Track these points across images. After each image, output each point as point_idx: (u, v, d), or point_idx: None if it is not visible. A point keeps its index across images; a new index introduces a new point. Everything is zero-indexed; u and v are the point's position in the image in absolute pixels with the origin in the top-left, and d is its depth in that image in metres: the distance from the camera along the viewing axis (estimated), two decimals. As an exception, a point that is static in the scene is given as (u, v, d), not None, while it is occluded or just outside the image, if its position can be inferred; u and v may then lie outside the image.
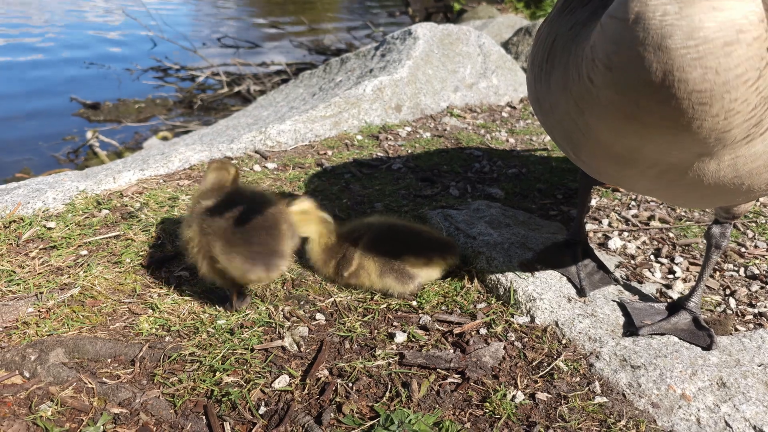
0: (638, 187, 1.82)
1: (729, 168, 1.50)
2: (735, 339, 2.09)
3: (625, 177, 1.70)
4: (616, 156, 1.58)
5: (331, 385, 1.83)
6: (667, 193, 1.80)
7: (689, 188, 1.62)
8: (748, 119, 1.35)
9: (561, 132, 1.77)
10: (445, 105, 4.82)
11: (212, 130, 4.72)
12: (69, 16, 18.47)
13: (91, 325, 2.04)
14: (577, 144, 1.70)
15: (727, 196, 1.67)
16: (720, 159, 1.47)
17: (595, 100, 1.47)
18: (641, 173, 1.61)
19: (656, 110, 1.34)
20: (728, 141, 1.40)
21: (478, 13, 13.77)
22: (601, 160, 1.68)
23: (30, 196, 2.83)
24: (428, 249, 2.29)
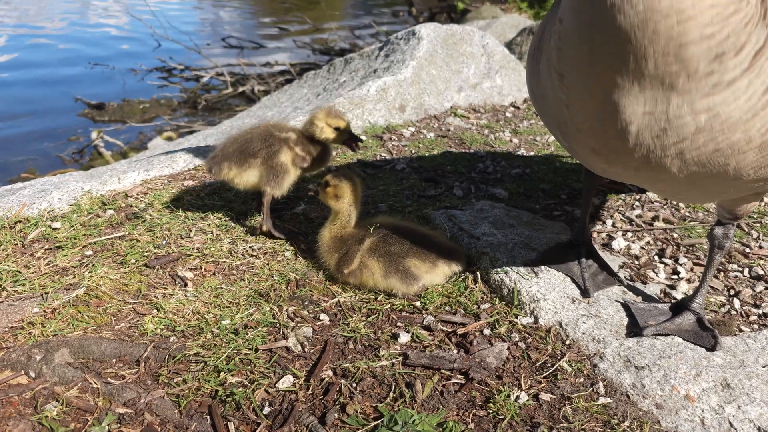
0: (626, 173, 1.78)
1: (707, 135, 1.46)
2: (739, 340, 2.09)
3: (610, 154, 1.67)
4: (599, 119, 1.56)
5: (335, 385, 1.83)
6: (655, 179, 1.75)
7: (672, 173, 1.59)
8: (706, 36, 1.33)
9: (552, 117, 1.78)
10: (448, 105, 4.82)
11: (217, 131, 4.73)
12: (74, 17, 18.52)
13: (96, 326, 2.05)
14: (566, 125, 1.71)
15: (715, 182, 1.63)
16: (694, 108, 1.43)
17: (565, 43, 1.50)
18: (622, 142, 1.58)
19: (610, 15, 1.35)
20: (691, 68, 1.36)
21: (482, 13, 13.77)
22: (586, 138, 1.66)
23: (35, 197, 2.85)
24: (434, 254, 2.29)
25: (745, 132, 1.47)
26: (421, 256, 2.27)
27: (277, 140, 2.61)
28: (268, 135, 2.61)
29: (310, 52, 14.83)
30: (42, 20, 17.64)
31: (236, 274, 2.38)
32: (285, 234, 2.65)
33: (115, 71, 12.88)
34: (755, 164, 1.56)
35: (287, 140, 2.63)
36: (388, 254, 2.26)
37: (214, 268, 2.41)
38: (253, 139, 2.61)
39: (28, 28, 16.73)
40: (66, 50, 14.48)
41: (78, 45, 14.96)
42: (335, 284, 2.35)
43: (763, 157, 1.54)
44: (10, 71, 12.62)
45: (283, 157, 2.60)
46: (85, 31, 16.63)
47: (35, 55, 13.83)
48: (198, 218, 2.74)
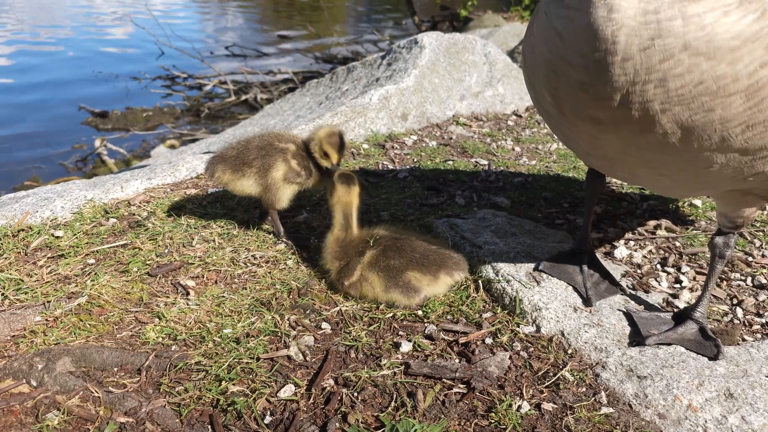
0: (610, 129, 1.69)
1: (692, 55, 1.43)
2: (742, 349, 2.08)
3: (602, 90, 1.59)
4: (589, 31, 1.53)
5: (337, 394, 1.83)
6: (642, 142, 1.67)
7: (659, 124, 1.55)
8: None
9: (543, 64, 1.73)
10: (451, 113, 4.83)
11: (219, 139, 4.74)
12: (78, 26, 18.63)
13: (98, 334, 2.05)
14: (555, 69, 1.67)
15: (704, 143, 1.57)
16: (685, 20, 1.41)
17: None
18: (612, 89, 1.54)
19: None
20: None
21: (484, 22, 13.81)
22: (577, 72, 1.61)
23: (38, 205, 2.86)
24: (435, 265, 2.27)
25: (731, 64, 1.42)
26: (421, 268, 2.25)
27: (274, 150, 2.60)
28: (266, 144, 2.61)
29: (312, 61, 14.89)
30: (46, 29, 17.74)
31: (238, 283, 2.39)
32: (295, 240, 2.66)
33: (119, 79, 12.96)
34: (741, 119, 1.50)
35: (285, 151, 2.61)
36: (388, 268, 2.24)
37: (216, 277, 2.41)
38: (250, 147, 2.61)
39: (32, 35, 16.84)
40: (70, 58, 14.56)
41: (82, 53, 15.05)
42: (337, 293, 2.35)
43: (750, 110, 1.48)
44: (14, 79, 12.69)
45: (275, 173, 2.58)
46: (90, 40, 16.72)
47: (39, 63, 13.91)
48: (200, 227, 2.74)
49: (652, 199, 3.36)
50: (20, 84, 12.40)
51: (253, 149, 2.60)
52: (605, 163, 1.99)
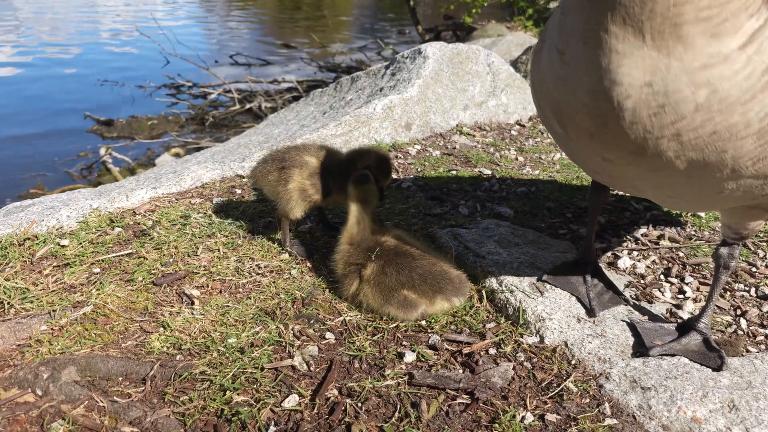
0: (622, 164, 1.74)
1: (705, 114, 1.46)
2: (746, 360, 2.08)
3: (607, 145, 1.66)
4: (597, 95, 1.57)
5: (341, 405, 1.83)
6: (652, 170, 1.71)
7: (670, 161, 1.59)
8: (702, 19, 1.37)
9: (550, 102, 1.77)
10: (454, 123, 4.84)
11: (224, 148, 4.76)
12: (84, 35, 18.75)
13: (103, 344, 2.06)
14: (562, 110, 1.71)
15: (714, 173, 1.61)
16: (695, 87, 1.44)
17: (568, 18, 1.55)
18: (623, 138, 1.58)
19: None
20: (688, 42, 1.40)
21: (488, 31, 13.86)
22: (583, 120, 1.66)
23: (44, 214, 2.88)
24: (433, 290, 2.23)
25: (743, 114, 1.46)
26: (417, 290, 2.22)
27: (294, 163, 2.60)
28: (287, 157, 2.63)
29: (316, 70, 14.97)
30: (52, 37, 17.86)
31: (243, 293, 2.40)
32: (299, 252, 2.68)
33: (124, 88, 13.04)
34: (753, 155, 1.54)
35: (305, 165, 2.60)
36: (384, 285, 2.24)
37: (220, 286, 2.42)
38: (277, 156, 2.66)
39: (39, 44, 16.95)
40: (76, 67, 14.66)
41: (88, 62, 15.15)
42: (341, 303, 2.36)
43: (761, 146, 1.52)
44: (20, 87, 12.77)
45: (290, 184, 2.59)
46: (95, 49, 16.83)
47: (45, 71, 14.00)
48: (205, 236, 2.76)
49: (655, 209, 3.37)
50: (26, 91, 12.48)
51: (277, 159, 2.64)
52: (613, 182, 2.01)
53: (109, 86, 13.09)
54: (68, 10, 23.71)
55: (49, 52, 16.09)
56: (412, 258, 2.30)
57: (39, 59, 15.24)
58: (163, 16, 22.29)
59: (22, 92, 12.51)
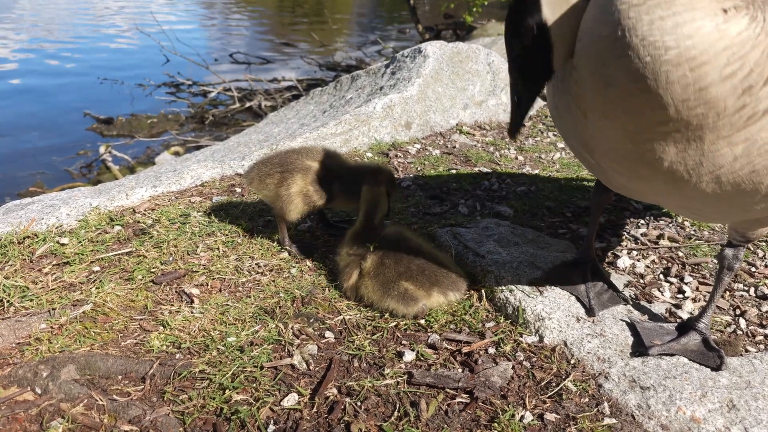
0: (654, 191, 1.77)
1: (744, 158, 1.44)
2: (745, 360, 2.08)
3: (639, 179, 1.66)
4: (626, 152, 1.56)
5: (340, 404, 1.83)
6: (683, 199, 1.74)
7: (705, 190, 1.56)
8: (727, 76, 1.31)
9: (576, 138, 1.77)
10: (454, 122, 4.84)
11: (224, 147, 4.76)
12: (83, 33, 18.73)
13: (102, 342, 2.06)
14: (592, 149, 1.70)
15: (744, 198, 1.60)
16: (731, 142, 1.41)
17: (583, 91, 1.50)
18: (654, 170, 1.56)
19: (621, 69, 1.36)
20: (719, 107, 1.35)
21: (488, 30, 13.85)
22: (614, 163, 1.66)
23: (44, 212, 2.88)
24: (430, 282, 2.24)
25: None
26: (414, 281, 2.23)
27: (296, 167, 2.60)
28: (288, 161, 2.63)
29: (316, 68, 14.95)
30: (52, 35, 17.84)
31: (242, 291, 2.40)
32: (298, 251, 2.68)
33: (124, 86, 13.03)
34: None
35: (308, 170, 2.60)
36: (383, 276, 2.25)
37: (220, 285, 2.42)
38: (276, 159, 2.65)
39: (39, 41, 16.94)
40: (75, 65, 14.64)
41: (87, 60, 15.14)
42: (340, 302, 2.36)
43: None
44: (20, 85, 12.77)
45: (293, 189, 2.59)
46: (95, 47, 16.82)
47: (45, 69, 13.99)
48: (205, 235, 2.76)
49: (655, 208, 3.37)
50: (26, 89, 12.47)
51: (278, 162, 2.64)
52: (634, 196, 2.01)
53: (108, 84, 13.08)
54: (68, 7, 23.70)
55: (49, 49, 16.08)
56: (410, 250, 2.31)
57: (39, 57, 15.23)
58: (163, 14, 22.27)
59: (22, 89, 12.50)
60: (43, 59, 14.99)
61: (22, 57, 15.19)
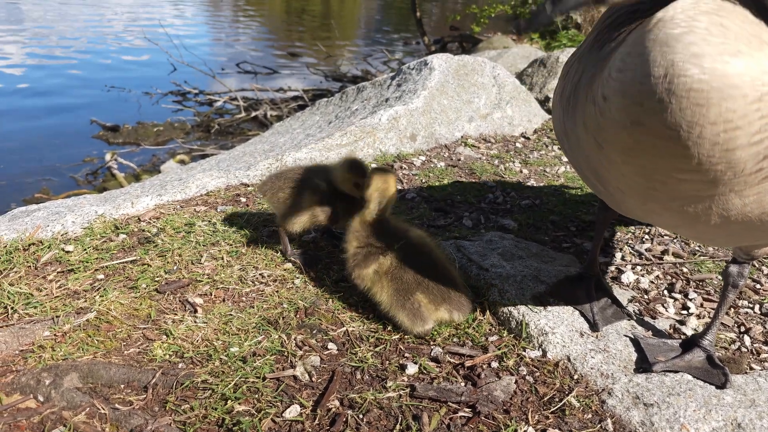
0: (663, 222, 1.80)
1: (755, 204, 1.47)
2: (750, 378, 2.07)
3: (650, 212, 1.69)
4: (638, 187, 1.58)
5: (342, 416, 1.83)
6: (691, 231, 1.77)
7: (714, 226, 1.59)
8: (754, 143, 1.34)
9: (587, 166, 1.78)
10: (459, 135, 4.85)
11: (229, 156, 4.78)
12: (92, 40, 18.87)
13: (105, 350, 2.07)
14: (604, 179, 1.71)
15: (754, 233, 1.64)
16: (742, 195, 1.45)
17: (607, 123, 1.50)
18: (665, 207, 1.59)
19: (658, 112, 1.36)
20: (738, 168, 1.38)
21: (493, 43, 13.91)
22: (625, 194, 1.68)
23: (49, 219, 2.89)
24: (443, 294, 2.21)
25: None
26: (429, 294, 2.21)
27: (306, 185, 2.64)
28: (300, 178, 2.67)
29: (322, 79, 15.01)
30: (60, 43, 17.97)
31: (246, 301, 2.40)
32: (302, 261, 2.68)
33: (131, 94, 13.09)
34: None
35: (317, 189, 2.63)
36: (402, 282, 2.22)
37: (223, 295, 2.42)
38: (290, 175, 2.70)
39: (47, 48, 17.06)
40: (83, 73, 14.73)
41: (95, 68, 15.23)
42: (344, 313, 2.36)
43: None
44: (27, 92, 12.84)
45: (303, 205, 2.62)
46: (102, 55, 16.92)
47: (52, 77, 14.08)
48: (209, 244, 2.76)
49: (659, 224, 3.36)
50: (32, 95, 12.55)
51: (290, 177, 2.69)
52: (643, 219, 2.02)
53: (115, 92, 13.15)
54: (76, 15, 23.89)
55: (57, 56, 16.19)
56: (430, 259, 2.29)
57: (46, 63, 15.33)
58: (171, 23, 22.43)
59: (28, 95, 12.58)
60: (52, 66, 15.08)
61: (30, 63, 15.30)
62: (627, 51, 1.45)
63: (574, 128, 1.77)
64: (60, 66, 15.24)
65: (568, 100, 1.84)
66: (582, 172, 1.91)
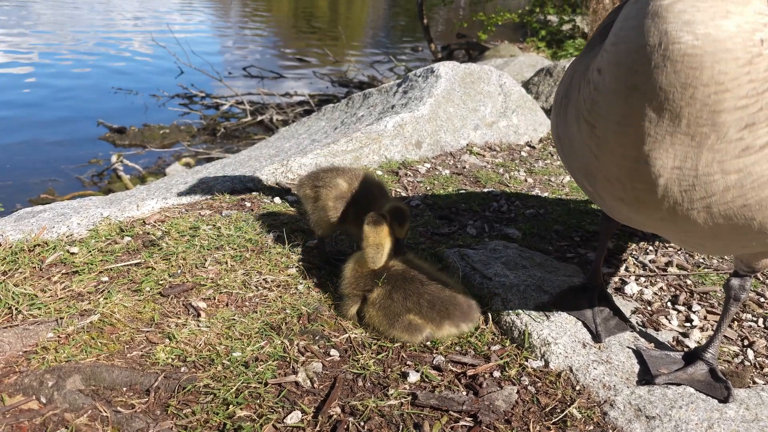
0: (651, 222, 1.81)
1: (736, 190, 1.49)
2: (753, 392, 2.06)
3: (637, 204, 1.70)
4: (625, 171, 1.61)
5: (343, 423, 1.83)
6: (679, 230, 1.77)
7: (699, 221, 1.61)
8: (740, 107, 1.39)
9: (578, 164, 1.81)
10: (464, 143, 4.86)
11: (235, 160, 4.79)
12: (99, 42, 18.97)
13: (108, 353, 2.07)
14: (593, 174, 1.75)
15: (739, 235, 1.65)
16: (724, 170, 1.47)
17: (601, 96, 1.55)
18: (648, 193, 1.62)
19: (653, 77, 1.42)
20: (721, 132, 1.42)
21: (500, 52, 13.93)
22: (614, 188, 1.70)
23: (55, 221, 2.90)
24: (441, 316, 2.22)
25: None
26: (423, 316, 2.21)
27: (326, 184, 2.69)
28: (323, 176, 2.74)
29: (329, 84, 15.06)
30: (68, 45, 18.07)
31: (249, 306, 2.40)
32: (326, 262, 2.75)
33: (138, 96, 13.17)
34: None
35: (335, 186, 2.67)
36: (390, 310, 2.24)
37: (227, 299, 2.43)
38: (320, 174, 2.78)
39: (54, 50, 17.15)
40: (90, 75, 14.82)
41: (102, 70, 15.31)
42: (347, 320, 2.36)
43: None
44: (35, 93, 12.92)
45: (318, 203, 2.70)
46: (110, 57, 17.01)
47: (60, 78, 14.16)
48: (213, 248, 2.77)
49: (664, 235, 3.36)
50: (40, 97, 12.62)
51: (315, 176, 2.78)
52: (637, 227, 2.04)
53: (123, 94, 13.22)
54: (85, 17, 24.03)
55: (65, 57, 16.28)
56: (420, 283, 2.29)
57: (55, 64, 15.42)
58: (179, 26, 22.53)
59: (36, 96, 12.65)
60: (59, 68, 15.17)
61: (38, 63, 15.39)
62: (620, 26, 1.51)
63: (566, 128, 1.82)
64: (68, 67, 15.32)
65: (560, 102, 1.90)
66: (576, 177, 1.94)
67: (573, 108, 1.74)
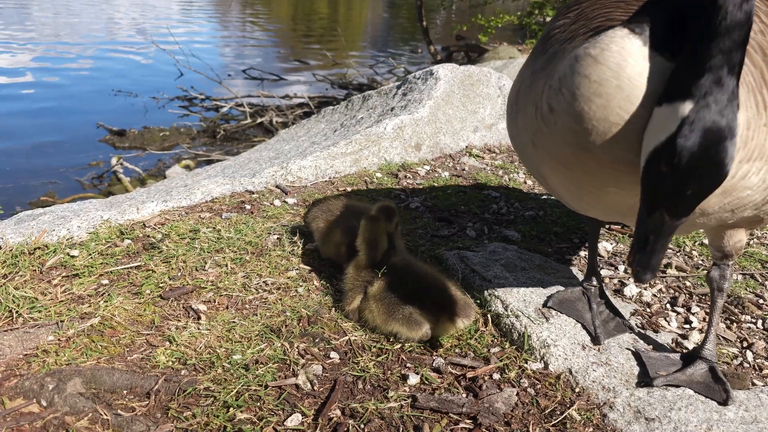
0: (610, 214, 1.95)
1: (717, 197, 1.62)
2: (752, 394, 2.07)
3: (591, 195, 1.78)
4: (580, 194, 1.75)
5: (343, 425, 1.83)
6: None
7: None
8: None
9: (533, 166, 1.91)
10: (464, 145, 4.87)
11: (234, 163, 4.80)
12: (99, 45, 18.99)
13: (109, 356, 2.08)
14: (545, 176, 1.86)
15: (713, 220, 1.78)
16: None
17: (551, 127, 1.64)
18: (602, 197, 1.72)
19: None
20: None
21: (499, 53, 13.95)
22: (564, 185, 1.80)
23: (55, 224, 2.90)
24: (439, 306, 2.23)
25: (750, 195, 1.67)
26: (422, 307, 2.23)
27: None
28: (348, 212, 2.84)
29: (328, 86, 15.07)
30: (68, 48, 18.09)
31: (249, 309, 2.41)
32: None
33: (138, 99, 13.18)
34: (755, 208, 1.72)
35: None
36: (390, 301, 2.26)
37: (227, 302, 2.43)
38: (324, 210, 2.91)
39: (54, 52, 17.17)
40: (90, 78, 14.83)
41: (102, 73, 15.33)
42: (347, 322, 2.37)
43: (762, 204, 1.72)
44: (35, 95, 12.93)
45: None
46: (110, 60, 17.03)
47: (60, 81, 14.17)
48: (213, 251, 2.77)
49: (663, 237, 3.36)
50: (40, 99, 12.63)
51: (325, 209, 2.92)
52: (593, 213, 2.16)
53: (122, 96, 13.23)
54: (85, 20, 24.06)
55: (65, 60, 16.30)
56: (419, 278, 2.32)
57: (55, 67, 15.44)
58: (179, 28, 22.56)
59: (36, 99, 12.66)
60: (59, 70, 15.19)
61: (38, 66, 15.41)
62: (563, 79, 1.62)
63: (518, 132, 1.93)
64: (68, 70, 15.34)
65: (512, 107, 2.01)
66: (532, 172, 2.06)
67: (522, 119, 1.84)
